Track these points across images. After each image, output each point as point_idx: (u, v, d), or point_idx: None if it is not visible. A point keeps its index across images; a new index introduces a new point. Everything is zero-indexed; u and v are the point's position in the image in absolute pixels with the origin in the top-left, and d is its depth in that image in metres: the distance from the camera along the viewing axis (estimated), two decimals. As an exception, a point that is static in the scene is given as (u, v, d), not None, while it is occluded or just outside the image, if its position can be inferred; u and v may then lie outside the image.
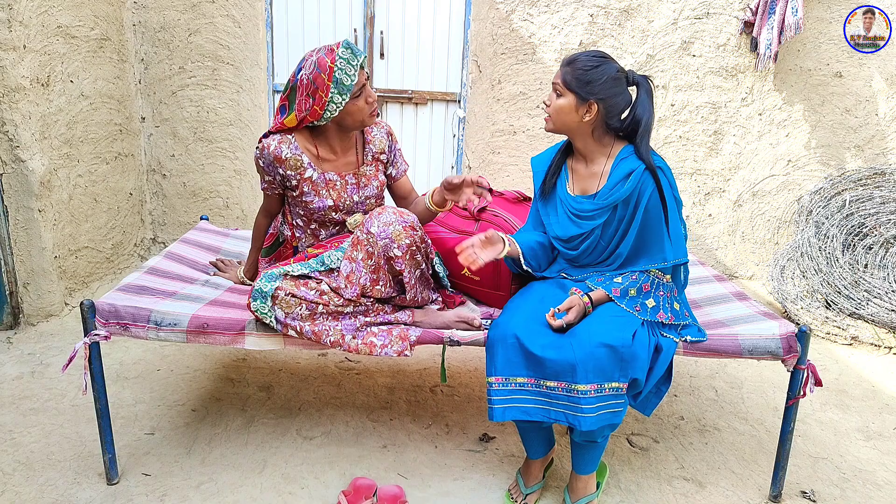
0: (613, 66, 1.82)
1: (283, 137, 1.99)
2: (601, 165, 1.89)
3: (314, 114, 1.92)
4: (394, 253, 1.84)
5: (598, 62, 1.81)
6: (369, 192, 2.11)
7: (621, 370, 1.68)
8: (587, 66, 1.80)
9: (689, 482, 2.09)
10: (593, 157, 1.90)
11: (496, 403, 1.74)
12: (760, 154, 3.94)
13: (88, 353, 1.81)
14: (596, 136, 1.87)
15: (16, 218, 2.87)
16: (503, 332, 1.77)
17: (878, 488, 2.09)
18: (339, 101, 1.90)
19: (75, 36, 3.11)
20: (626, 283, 1.84)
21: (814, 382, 1.82)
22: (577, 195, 1.93)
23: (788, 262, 3.69)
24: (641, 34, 3.76)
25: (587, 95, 1.79)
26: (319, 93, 1.88)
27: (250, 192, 3.96)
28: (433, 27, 3.88)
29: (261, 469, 2.05)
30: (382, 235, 1.83)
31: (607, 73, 1.79)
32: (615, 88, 1.80)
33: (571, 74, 1.81)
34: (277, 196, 2.13)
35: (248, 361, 2.75)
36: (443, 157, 4.10)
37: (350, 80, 1.88)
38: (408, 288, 1.92)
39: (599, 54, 1.83)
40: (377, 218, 1.86)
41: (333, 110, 1.91)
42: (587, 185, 1.91)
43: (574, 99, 1.81)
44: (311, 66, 1.89)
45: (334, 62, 1.86)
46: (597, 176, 1.89)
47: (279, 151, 1.97)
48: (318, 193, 2.03)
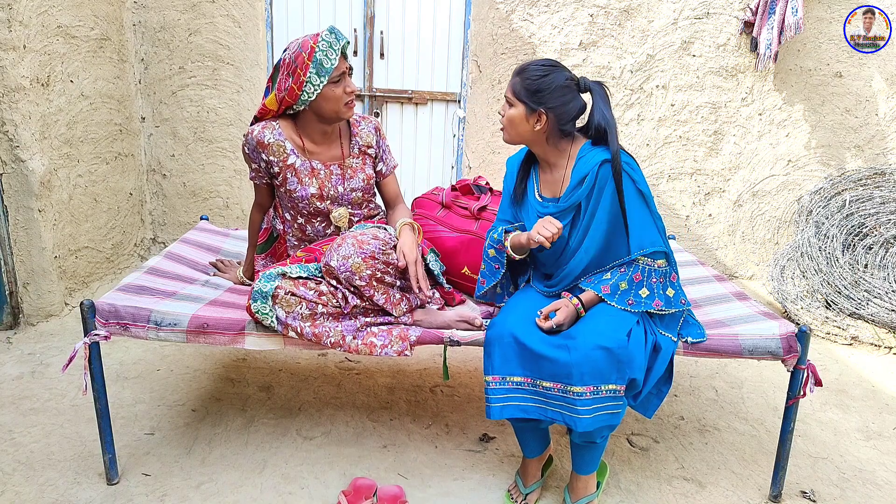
0: (563, 74, 1.81)
1: (268, 123, 2.03)
2: (562, 169, 1.88)
3: (292, 93, 1.95)
4: (357, 283, 1.85)
5: (547, 71, 1.80)
6: (355, 185, 2.11)
7: (618, 372, 1.67)
8: (535, 75, 1.79)
9: (689, 482, 2.09)
10: (553, 162, 1.89)
11: (494, 402, 1.75)
12: (760, 154, 3.94)
13: (88, 353, 1.81)
14: (551, 143, 1.86)
15: (16, 218, 2.87)
16: (500, 332, 1.77)
17: (878, 488, 2.09)
18: (317, 83, 1.92)
19: (75, 36, 3.12)
20: (615, 278, 1.81)
21: (814, 382, 1.82)
22: (546, 198, 1.92)
23: (788, 262, 3.69)
24: (641, 34, 3.76)
25: (536, 105, 1.79)
26: (298, 71, 1.92)
27: (250, 192, 3.96)
28: (433, 27, 3.88)
29: (261, 469, 2.04)
30: (342, 269, 1.83)
31: (556, 81, 1.79)
32: (564, 96, 1.79)
33: (521, 84, 1.81)
34: (266, 186, 2.15)
35: (248, 361, 2.75)
36: (443, 157, 4.10)
37: (330, 64, 1.91)
38: (390, 307, 1.92)
39: (549, 63, 1.82)
40: (336, 251, 1.85)
41: (311, 92, 1.93)
42: (553, 189, 1.91)
43: (524, 109, 1.80)
44: (294, 47, 1.94)
45: (316, 43, 1.91)
46: (559, 180, 1.89)
47: (262, 136, 2.00)
48: (301, 181, 2.04)
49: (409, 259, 1.91)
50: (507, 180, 2.03)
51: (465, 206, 2.27)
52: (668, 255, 1.84)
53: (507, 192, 2.03)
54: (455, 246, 2.18)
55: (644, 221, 1.80)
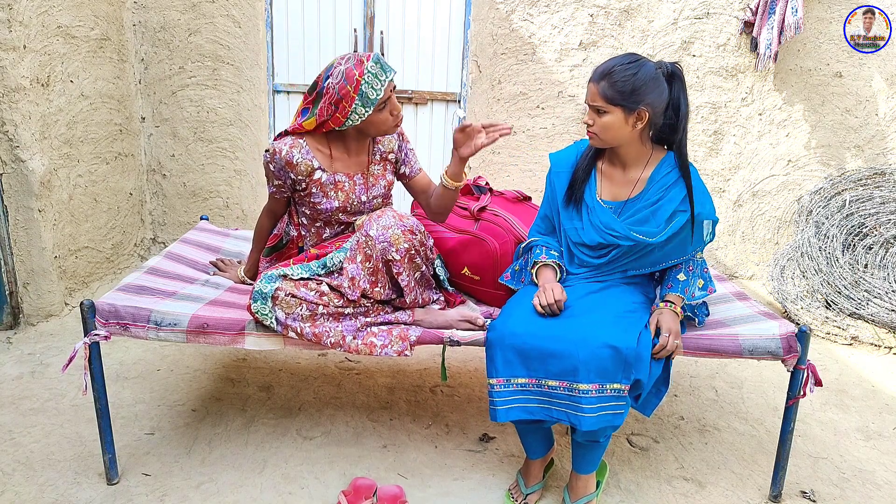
0: (649, 65, 1.75)
1: (295, 141, 1.96)
2: (639, 172, 1.85)
3: (336, 121, 1.90)
4: (392, 256, 1.83)
5: (636, 68, 1.73)
6: (376, 192, 2.10)
7: (624, 372, 1.67)
8: (626, 75, 1.73)
9: (689, 482, 2.09)
10: (633, 163, 1.86)
11: (498, 405, 1.73)
12: (760, 154, 3.94)
13: (88, 353, 1.81)
14: (643, 140, 1.84)
15: (16, 218, 2.87)
16: (501, 333, 1.76)
17: (878, 488, 2.09)
18: (363, 113, 1.87)
19: (75, 36, 3.11)
20: (687, 278, 1.88)
21: (814, 382, 1.82)
22: (607, 200, 1.89)
23: (788, 262, 3.69)
24: (641, 34, 3.76)
25: (634, 105, 1.74)
26: (343, 103, 1.86)
27: (250, 192, 3.96)
28: (433, 27, 3.88)
29: (261, 469, 2.04)
30: (381, 239, 1.82)
31: (647, 75, 1.73)
32: (658, 88, 1.75)
33: (611, 88, 1.74)
34: (285, 199, 2.12)
35: (248, 361, 2.75)
36: (443, 157, 4.10)
37: (376, 95, 1.85)
38: (407, 291, 1.91)
39: (631, 59, 1.76)
40: (376, 221, 1.85)
41: (356, 120, 1.89)
42: (619, 191, 1.88)
43: (621, 113, 1.75)
44: (339, 76, 1.85)
45: (362, 75, 1.83)
46: (632, 182, 1.86)
47: (290, 156, 1.95)
48: (327, 195, 2.02)
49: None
50: (556, 180, 1.96)
51: (464, 206, 2.27)
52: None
53: (552, 194, 1.97)
54: (455, 246, 2.18)
55: (700, 235, 1.87)
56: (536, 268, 1.94)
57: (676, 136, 1.81)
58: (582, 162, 1.94)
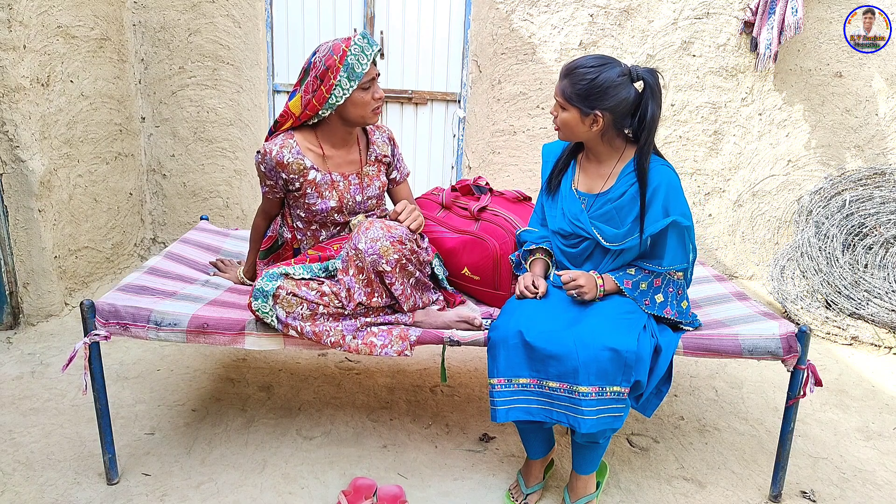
0: (614, 70, 1.73)
1: (285, 142, 1.98)
2: (610, 166, 1.88)
3: (320, 96, 1.91)
4: (383, 268, 1.83)
5: (597, 72, 1.72)
6: (371, 193, 2.12)
7: (624, 374, 1.67)
8: (585, 78, 1.72)
9: (689, 482, 2.09)
10: (603, 158, 1.89)
11: (499, 405, 1.73)
12: (760, 154, 3.94)
13: (88, 353, 1.81)
14: (606, 140, 1.85)
15: (16, 218, 2.87)
16: (504, 333, 1.76)
17: (878, 488, 2.09)
18: (347, 87, 1.90)
19: (75, 36, 3.11)
20: (638, 276, 1.85)
21: (814, 382, 1.82)
22: (582, 191, 1.92)
23: (788, 262, 3.69)
24: (641, 34, 3.76)
25: (589, 109, 1.75)
26: (329, 74, 1.89)
27: (250, 192, 3.96)
28: (433, 27, 3.88)
29: (261, 469, 2.04)
30: (370, 252, 1.82)
31: (607, 80, 1.72)
32: (619, 94, 1.73)
33: (571, 89, 1.75)
34: (279, 199, 2.13)
35: (248, 361, 2.75)
36: (443, 157, 4.10)
37: (361, 69, 1.89)
38: (403, 299, 1.92)
39: (597, 61, 1.74)
40: (364, 234, 1.84)
41: (340, 95, 1.91)
42: (593, 184, 1.91)
43: (578, 113, 1.77)
44: (325, 50, 1.91)
45: (349, 46, 1.88)
46: (605, 176, 1.88)
47: (281, 156, 1.97)
48: (322, 195, 2.03)
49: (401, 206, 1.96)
50: (543, 168, 2.04)
51: (464, 206, 2.27)
52: (686, 271, 1.90)
53: (542, 182, 2.05)
54: (455, 247, 2.17)
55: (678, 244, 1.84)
56: (529, 262, 2.01)
57: (639, 144, 1.81)
58: (565, 152, 1.98)
